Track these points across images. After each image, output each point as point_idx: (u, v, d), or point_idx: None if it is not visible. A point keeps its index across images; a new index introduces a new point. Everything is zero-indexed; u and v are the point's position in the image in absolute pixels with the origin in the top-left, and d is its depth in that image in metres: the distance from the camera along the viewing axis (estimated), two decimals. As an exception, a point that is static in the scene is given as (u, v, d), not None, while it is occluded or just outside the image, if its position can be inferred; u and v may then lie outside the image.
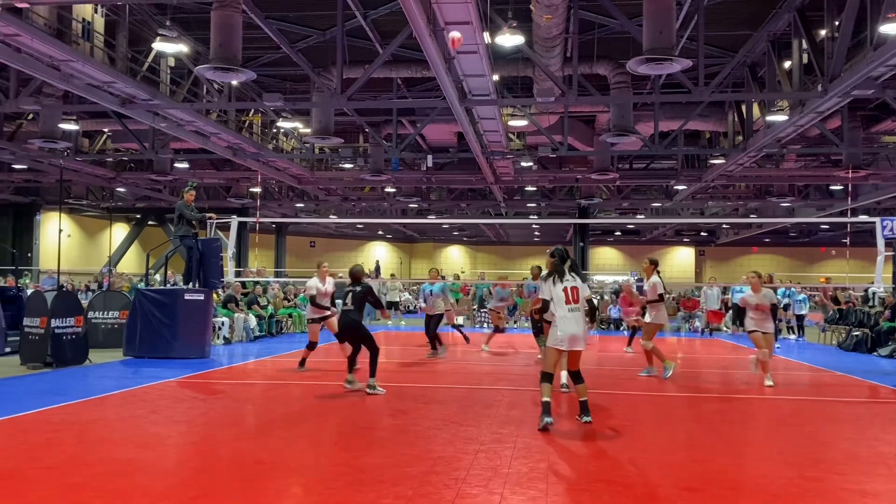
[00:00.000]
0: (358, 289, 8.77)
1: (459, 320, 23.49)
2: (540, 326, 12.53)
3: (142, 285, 14.83)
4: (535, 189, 29.23)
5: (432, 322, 13.25)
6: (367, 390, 8.58)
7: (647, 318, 10.72)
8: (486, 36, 11.75)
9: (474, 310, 24.13)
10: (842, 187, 25.28)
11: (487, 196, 29.22)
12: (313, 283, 10.90)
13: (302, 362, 10.94)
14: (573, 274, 6.97)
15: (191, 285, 12.54)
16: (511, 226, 42.74)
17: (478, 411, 7.56)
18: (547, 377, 6.84)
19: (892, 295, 15.42)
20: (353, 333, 8.81)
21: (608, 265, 49.10)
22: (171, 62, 16.53)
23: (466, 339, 15.11)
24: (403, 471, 5.27)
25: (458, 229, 47.32)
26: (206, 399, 8.52)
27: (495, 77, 14.03)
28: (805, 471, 5.47)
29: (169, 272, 15.61)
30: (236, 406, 8.04)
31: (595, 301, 7.68)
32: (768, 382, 9.82)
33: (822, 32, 13.21)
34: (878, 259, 12.30)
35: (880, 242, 12.21)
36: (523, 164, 23.62)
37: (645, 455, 5.90)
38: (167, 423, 6.99)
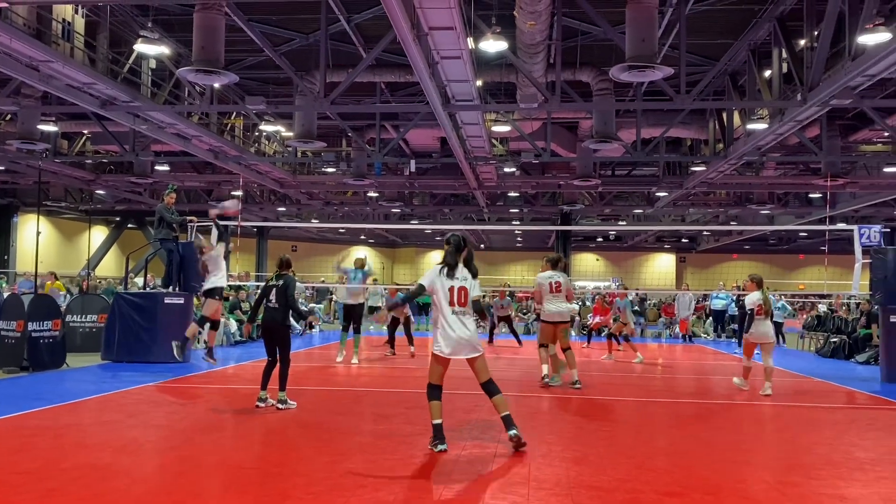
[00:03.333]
0: (281, 283, 7.72)
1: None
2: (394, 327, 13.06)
3: (120, 289, 14.68)
4: (517, 195, 29.31)
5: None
6: (279, 405, 7.76)
7: None
8: (470, 41, 11.77)
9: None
10: (820, 195, 25.59)
11: (470, 201, 29.25)
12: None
13: None
14: (466, 270, 6.06)
15: (171, 289, 12.44)
16: (494, 231, 42.83)
17: (459, 416, 7.55)
18: (434, 392, 6.05)
19: (868, 302, 15.59)
20: (272, 336, 7.85)
21: (590, 271, 49.31)
22: (153, 64, 16.40)
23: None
24: (386, 476, 5.24)
25: (441, 234, 47.33)
26: (185, 404, 8.44)
27: (479, 82, 14.06)
28: (783, 476, 5.51)
29: (149, 276, 15.47)
30: (217, 410, 7.96)
31: (487, 300, 6.52)
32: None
33: (802, 42, 13.37)
34: (856, 266, 12.45)
35: (858, 250, 12.36)
36: (506, 169, 23.69)
37: (626, 460, 5.92)
38: (146, 428, 6.91)
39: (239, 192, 10.41)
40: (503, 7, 12.79)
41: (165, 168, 24.31)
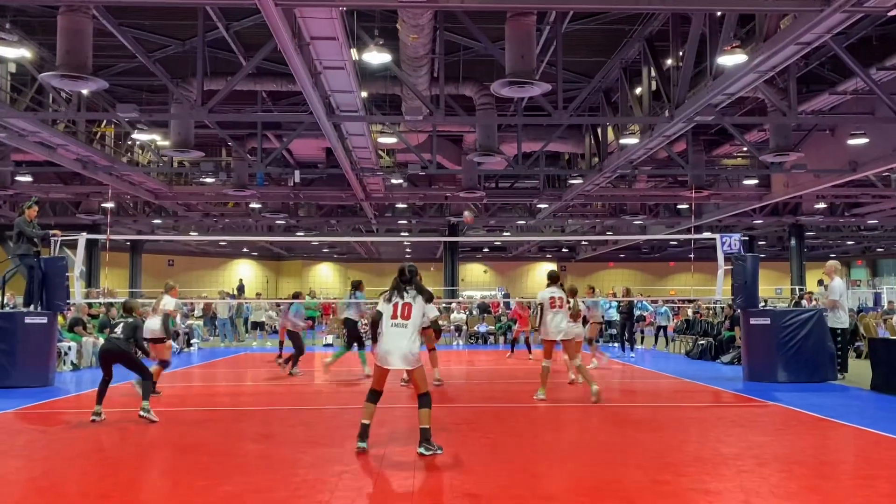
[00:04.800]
0: (130, 320, 8.56)
1: (329, 339, 23.22)
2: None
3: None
4: (405, 206, 29.40)
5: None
6: (141, 413, 7.99)
7: None
8: (354, 52, 11.73)
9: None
10: (687, 206, 27.22)
11: (358, 213, 29.07)
12: None
13: None
14: (415, 293, 6.68)
15: (32, 308, 11.61)
16: (382, 243, 42.74)
17: (345, 432, 7.45)
18: (370, 395, 6.63)
19: (730, 306, 16.67)
20: (114, 360, 8.31)
21: (477, 281, 50.14)
22: (12, 68, 15.31)
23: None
24: (265, 497, 5.08)
25: (329, 246, 46.74)
26: (47, 431, 7.86)
27: (364, 94, 14.03)
28: (655, 474, 5.77)
29: (8, 294, 14.35)
30: (83, 437, 7.47)
31: (441, 321, 7.13)
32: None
33: (669, 62, 14.20)
34: (719, 273, 13.26)
35: (720, 257, 13.16)
36: (393, 181, 23.73)
37: (509, 466, 6.03)
38: (2, 459, 6.38)
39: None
40: (386, 20, 12.83)
41: (28, 179, 22.72)
